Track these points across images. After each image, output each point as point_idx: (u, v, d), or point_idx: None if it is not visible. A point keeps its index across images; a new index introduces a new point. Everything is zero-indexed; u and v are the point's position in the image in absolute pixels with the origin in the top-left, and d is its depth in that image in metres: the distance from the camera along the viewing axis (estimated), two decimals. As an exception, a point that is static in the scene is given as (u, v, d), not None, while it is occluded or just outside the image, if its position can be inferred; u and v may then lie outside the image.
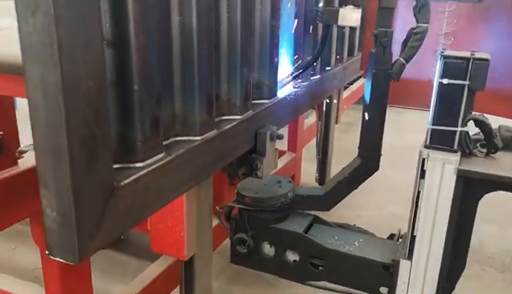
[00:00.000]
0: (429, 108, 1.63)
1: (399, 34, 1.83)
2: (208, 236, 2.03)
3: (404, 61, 1.74)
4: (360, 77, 4.04)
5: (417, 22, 1.70)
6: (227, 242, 2.78)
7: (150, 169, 1.16)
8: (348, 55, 2.63)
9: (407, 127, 4.63)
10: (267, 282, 2.84)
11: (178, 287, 2.18)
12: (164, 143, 1.25)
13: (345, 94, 4.53)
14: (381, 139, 1.90)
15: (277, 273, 1.91)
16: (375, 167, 1.92)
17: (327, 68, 2.34)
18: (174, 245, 1.86)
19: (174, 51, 1.24)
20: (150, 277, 2.17)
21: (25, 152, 1.60)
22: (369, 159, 1.90)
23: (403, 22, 2.04)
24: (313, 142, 3.87)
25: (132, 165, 1.12)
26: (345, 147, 4.32)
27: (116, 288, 2.40)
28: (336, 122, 3.74)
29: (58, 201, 0.94)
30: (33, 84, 0.86)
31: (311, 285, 2.66)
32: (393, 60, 1.79)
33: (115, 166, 1.06)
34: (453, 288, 1.81)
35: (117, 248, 2.91)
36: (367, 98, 1.83)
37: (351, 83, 4.56)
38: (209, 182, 1.78)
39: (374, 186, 2.03)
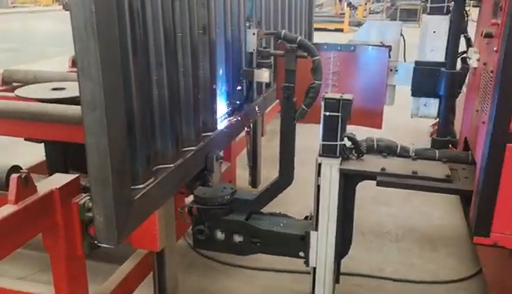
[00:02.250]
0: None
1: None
2: (172, 233, 2.74)
3: (305, 107, 2.47)
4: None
5: (313, 79, 2.46)
6: (180, 242, 3.44)
7: (147, 188, 1.88)
8: (266, 87, 3.46)
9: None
10: (216, 270, 3.57)
11: (150, 275, 2.85)
12: (153, 170, 1.97)
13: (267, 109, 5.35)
14: (293, 162, 2.64)
15: (228, 251, 2.66)
16: (289, 182, 2.67)
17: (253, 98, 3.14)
18: (150, 240, 2.55)
19: (155, 111, 1.97)
20: (125, 271, 2.80)
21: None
22: (284, 177, 2.68)
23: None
24: (244, 152, 4.66)
25: (137, 186, 1.84)
26: (271, 153, 5.12)
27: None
28: (262, 135, 4.56)
29: (104, 210, 1.64)
30: (91, 146, 1.57)
31: (253, 268, 3.43)
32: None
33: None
34: (347, 251, 2.66)
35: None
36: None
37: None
38: (172, 193, 2.49)
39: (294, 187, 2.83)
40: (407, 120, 3.82)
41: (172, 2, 1.95)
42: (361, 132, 2.67)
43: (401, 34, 2.86)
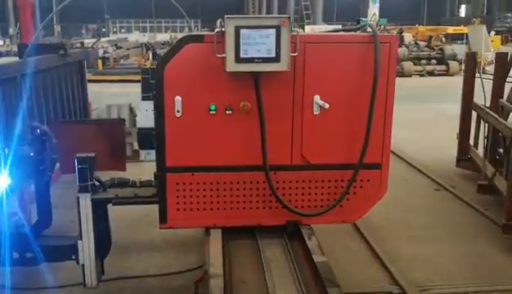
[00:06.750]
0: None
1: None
2: None
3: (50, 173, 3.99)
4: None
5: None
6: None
7: None
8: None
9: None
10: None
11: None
12: None
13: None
14: (50, 211, 4.04)
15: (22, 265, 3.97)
16: (49, 224, 4.08)
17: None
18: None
19: None
20: None
21: None
22: (44, 220, 4.12)
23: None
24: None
25: None
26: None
27: None
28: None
29: None
30: None
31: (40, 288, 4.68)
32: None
33: None
34: (107, 252, 4.16)
35: None
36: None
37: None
38: None
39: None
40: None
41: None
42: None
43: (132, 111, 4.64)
